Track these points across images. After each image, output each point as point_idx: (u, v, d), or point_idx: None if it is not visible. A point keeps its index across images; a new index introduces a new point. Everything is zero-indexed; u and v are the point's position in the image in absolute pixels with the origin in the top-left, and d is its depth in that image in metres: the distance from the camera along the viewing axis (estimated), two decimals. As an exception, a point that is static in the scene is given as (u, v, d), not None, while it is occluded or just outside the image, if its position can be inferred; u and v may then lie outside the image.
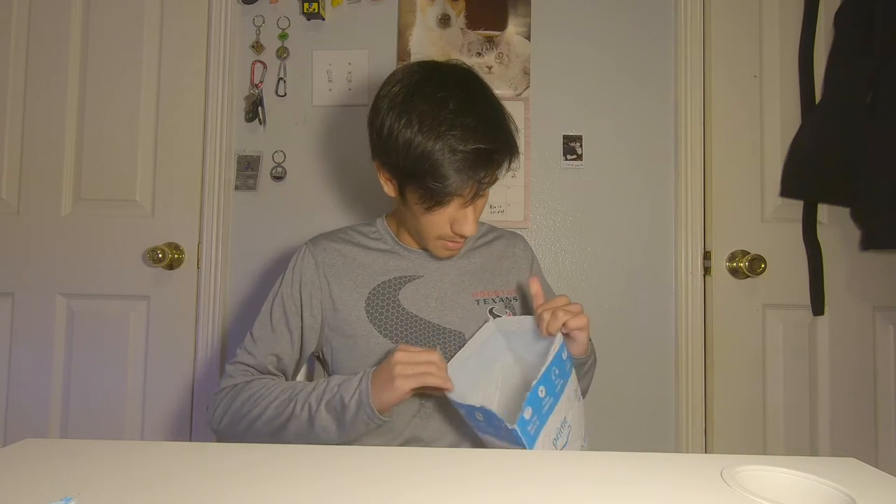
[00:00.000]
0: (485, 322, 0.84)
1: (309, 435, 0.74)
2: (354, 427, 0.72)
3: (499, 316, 0.88)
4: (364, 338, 0.83)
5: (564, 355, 0.72)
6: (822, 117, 1.29)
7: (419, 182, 0.76)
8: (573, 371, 0.75)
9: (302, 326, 0.86)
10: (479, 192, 0.78)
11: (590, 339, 0.86)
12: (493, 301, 0.89)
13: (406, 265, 0.88)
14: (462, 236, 0.80)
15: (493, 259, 0.94)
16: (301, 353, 0.88)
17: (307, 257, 0.88)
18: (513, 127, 0.82)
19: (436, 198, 0.76)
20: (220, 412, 0.81)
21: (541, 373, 0.65)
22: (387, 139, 0.77)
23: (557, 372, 0.69)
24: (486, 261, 0.93)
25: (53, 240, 1.33)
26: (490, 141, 0.75)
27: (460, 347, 0.84)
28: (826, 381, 1.31)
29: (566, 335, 0.76)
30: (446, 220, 0.79)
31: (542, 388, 0.65)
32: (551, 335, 0.73)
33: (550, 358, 0.67)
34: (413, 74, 0.79)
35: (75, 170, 1.35)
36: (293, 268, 0.88)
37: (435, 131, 0.73)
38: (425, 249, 0.89)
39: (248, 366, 0.84)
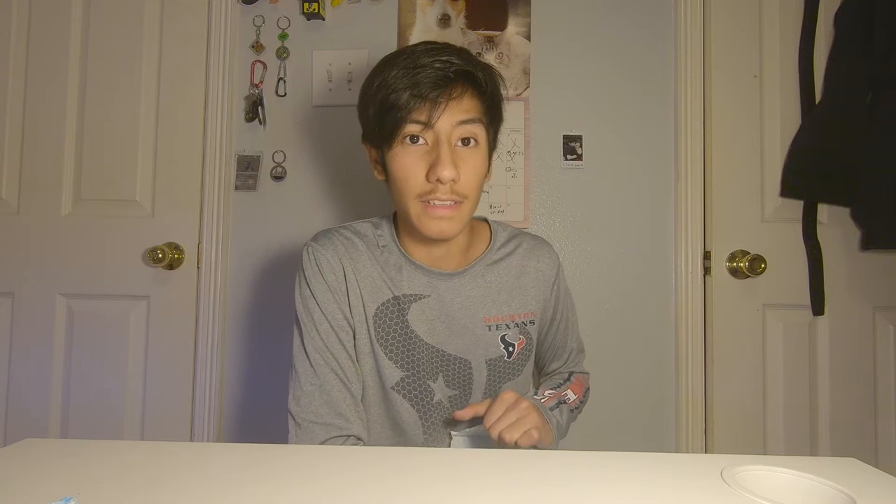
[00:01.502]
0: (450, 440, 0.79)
1: None
2: None
3: (511, 343, 0.82)
4: (369, 356, 0.78)
5: None
6: (822, 117, 1.29)
7: (381, 119, 0.72)
8: None
9: (353, 329, 0.78)
10: (453, 127, 0.70)
11: (564, 401, 0.83)
12: (507, 327, 0.82)
13: (413, 282, 0.79)
14: (440, 181, 0.70)
15: (511, 277, 0.83)
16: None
17: (323, 255, 0.78)
18: (496, 71, 0.77)
19: (396, 123, 0.70)
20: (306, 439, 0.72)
21: None
22: (361, 105, 0.77)
23: None
24: (503, 279, 0.83)
25: (53, 240, 1.33)
26: (448, 55, 0.71)
27: (466, 375, 0.80)
28: (826, 381, 1.31)
29: None
30: (419, 162, 0.71)
31: None
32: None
33: None
34: None
35: (75, 170, 1.34)
36: (311, 277, 0.77)
37: (393, 64, 0.72)
38: (432, 267, 0.81)
39: (325, 423, 0.73)
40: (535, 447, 0.70)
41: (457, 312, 0.80)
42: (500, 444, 0.68)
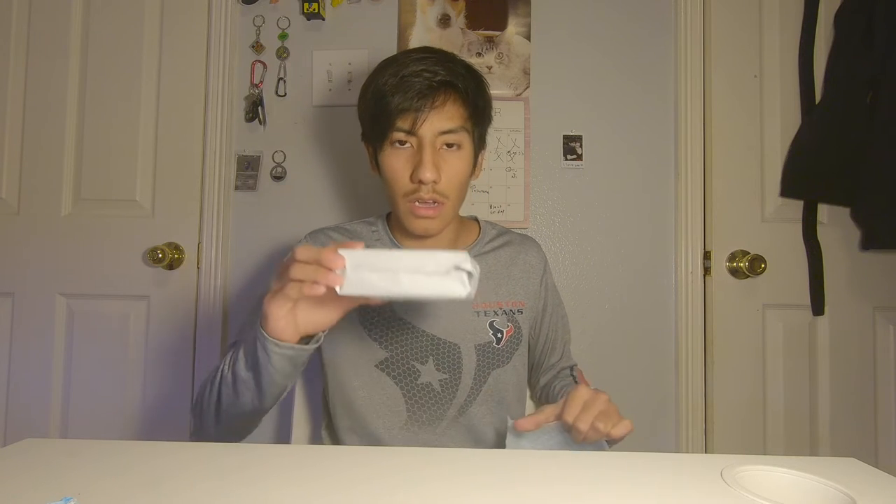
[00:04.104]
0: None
1: (236, 399, 0.68)
2: (265, 369, 0.63)
3: (500, 330, 0.84)
4: (356, 342, 0.82)
5: None
6: (822, 117, 1.29)
7: (373, 122, 0.78)
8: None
9: None
10: (435, 135, 0.74)
11: None
12: (495, 313, 0.86)
13: None
14: (422, 182, 0.75)
15: (501, 267, 0.89)
16: None
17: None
18: (481, 77, 0.81)
19: (385, 127, 0.76)
20: (196, 411, 0.75)
21: None
22: (360, 106, 0.82)
23: None
24: (492, 269, 0.88)
25: (53, 240, 1.33)
26: (434, 64, 0.75)
27: (455, 359, 0.82)
28: (826, 381, 1.31)
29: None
30: (405, 165, 0.76)
31: None
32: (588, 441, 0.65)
33: None
34: None
35: (75, 170, 1.34)
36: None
37: (386, 69, 0.77)
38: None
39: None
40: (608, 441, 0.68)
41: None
42: (587, 438, 0.65)
